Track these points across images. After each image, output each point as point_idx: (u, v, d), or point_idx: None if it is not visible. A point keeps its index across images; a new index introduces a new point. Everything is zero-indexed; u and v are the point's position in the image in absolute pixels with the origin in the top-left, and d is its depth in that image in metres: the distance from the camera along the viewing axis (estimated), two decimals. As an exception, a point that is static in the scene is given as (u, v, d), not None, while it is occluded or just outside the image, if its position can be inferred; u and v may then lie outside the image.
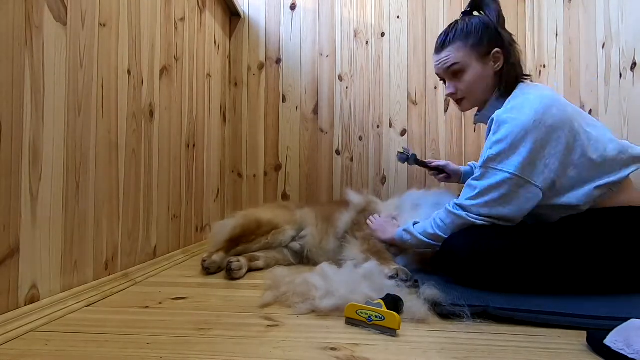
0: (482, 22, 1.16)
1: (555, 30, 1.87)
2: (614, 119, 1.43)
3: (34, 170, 0.83)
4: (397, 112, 2.14)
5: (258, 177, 2.19)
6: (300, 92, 2.18)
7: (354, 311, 0.83)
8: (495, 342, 0.75)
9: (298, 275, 1.04)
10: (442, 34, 1.21)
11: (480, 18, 1.18)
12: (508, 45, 1.16)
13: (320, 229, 1.49)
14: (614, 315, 0.80)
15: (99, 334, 0.77)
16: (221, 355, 0.68)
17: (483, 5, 1.20)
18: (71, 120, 0.94)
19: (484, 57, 1.15)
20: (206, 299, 1.03)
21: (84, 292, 0.97)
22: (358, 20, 2.17)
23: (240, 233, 1.40)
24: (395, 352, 0.71)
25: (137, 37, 1.22)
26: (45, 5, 0.85)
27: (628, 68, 1.36)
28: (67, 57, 0.92)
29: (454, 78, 1.20)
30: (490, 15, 1.17)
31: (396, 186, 2.10)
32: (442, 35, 1.21)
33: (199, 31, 1.76)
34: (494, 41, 1.14)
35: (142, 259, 1.29)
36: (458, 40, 1.17)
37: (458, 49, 1.16)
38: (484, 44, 1.14)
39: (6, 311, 0.76)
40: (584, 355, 0.69)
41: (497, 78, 1.17)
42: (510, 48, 1.16)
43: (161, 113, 1.40)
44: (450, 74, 1.20)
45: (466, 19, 1.19)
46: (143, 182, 1.28)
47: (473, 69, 1.16)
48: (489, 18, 1.17)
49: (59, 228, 0.90)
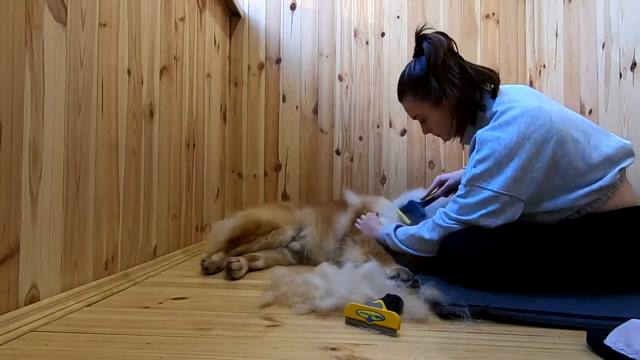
0: (422, 71, 1.16)
1: (555, 30, 1.87)
2: (614, 119, 1.43)
3: (34, 170, 0.83)
4: (397, 112, 2.14)
5: (258, 177, 2.19)
6: (300, 92, 2.18)
7: (354, 311, 0.83)
8: (495, 342, 0.75)
9: (298, 275, 1.04)
10: (398, 83, 1.26)
11: (421, 66, 1.17)
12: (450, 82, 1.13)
13: (320, 229, 1.49)
14: (614, 315, 0.80)
15: (99, 334, 0.77)
16: (221, 355, 0.68)
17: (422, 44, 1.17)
18: (71, 120, 0.94)
19: (437, 103, 1.17)
20: (206, 299, 1.03)
21: (84, 292, 0.97)
22: (358, 20, 2.17)
23: (240, 233, 1.40)
24: (395, 352, 0.71)
25: (137, 37, 1.22)
26: (45, 5, 0.85)
27: (628, 68, 1.36)
28: (67, 57, 0.92)
29: (422, 124, 1.27)
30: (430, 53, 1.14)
31: (396, 186, 2.10)
32: (398, 85, 1.26)
33: (199, 31, 1.76)
34: (439, 86, 1.14)
35: (142, 259, 1.29)
36: (409, 93, 1.22)
37: (411, 102, 1.22)
38: (431, 94, 1.16)
39: (6, 311, 0.76)
40: (584, 355, 0.69)
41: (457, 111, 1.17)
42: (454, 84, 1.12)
43: (161, 113, 1.40)
44: (418, 120, 1.27)
45: (412, 65, 1.20)
46: (143, 182, 1.28)
47: (433, 116, 1.21)
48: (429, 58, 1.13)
49: (59, 228, 0.90)
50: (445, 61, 1.14)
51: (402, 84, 1.24)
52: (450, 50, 1.17)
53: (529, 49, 2.10)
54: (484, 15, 2.14)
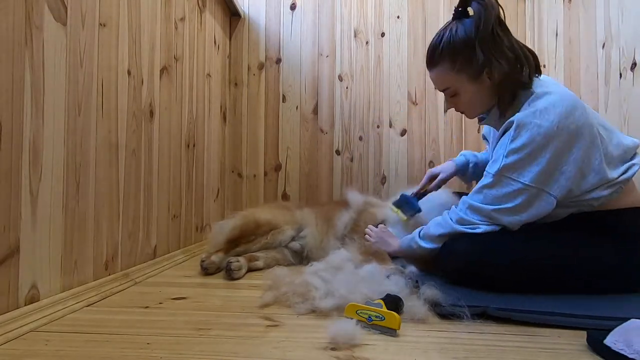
0: (468, 37, 1.03)
1: (555, 30, 1.87)
2: (614, 119, 1.43)
3: (34, 170, 0.83)
4: (397, 112, 2.14)
5: (258, 177, 2.19)
6: (300, 92, 2.18)
7: (354, 311, 0.83)
8: (495, 342, 0.75)
9: (298, 275, 1.04)
10: (429, 47, 1.10)
11: (466, 30, 1.03)
12: (500, 53, 1.02)
13: (320, 229, 1.49)
14: (614, 315, 0.80)
15: (99, 334, 0.77)
16: (221, 355, 0.68)
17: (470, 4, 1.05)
18: (71, 120, 0.94)
19: (476, 77, 1.05)
20: (206, 299, 1.03)
21: (84, 292, 0.97)
22: (358, 20, 2.17)
23: (239, 233, 1.40)
24: (395, 352, 0.70)
25: (137, 37, 1.22)
26: (45, 5, 0.85)
27: (628, 68, 1.36)
28: (67, 57, 0.92)
29: (450, 97, 1.14)
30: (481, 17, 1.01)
31: (396, 186, 2.10)
32: (430, 50, 1.10)
33: (199, 31, 1.76)
34: (484, 58, 1.02)
35: (142, 259, 1.29)
36: (445, 61, 1.07)
37: (446, 72, 1.08)
38: (472, 66, 1.04)
39: (6, 311, 0.76)
40: (584, 355, 0.69)
41: (497, 89, 1.07)
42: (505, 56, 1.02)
43: (161, 113, 1.40)
44: (445, 94, 1.15)
45: (454, 28, 1.05)
46: (143, 182, 1.28)
47: (467, 91, 1.09)
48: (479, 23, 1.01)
49: (59, 228, 0.90)
50: (495, 29, 1.01)
51: (438, 48, 1.07)
52: (500, 17, 1.04)
53: (529, 49, 2.10)
54: (484, 15, 2.13)
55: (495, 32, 1.02)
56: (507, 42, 1.03)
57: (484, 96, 1.09)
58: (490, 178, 1.01)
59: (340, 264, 1.09)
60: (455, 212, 1.07)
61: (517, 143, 0.97)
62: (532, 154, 0.95)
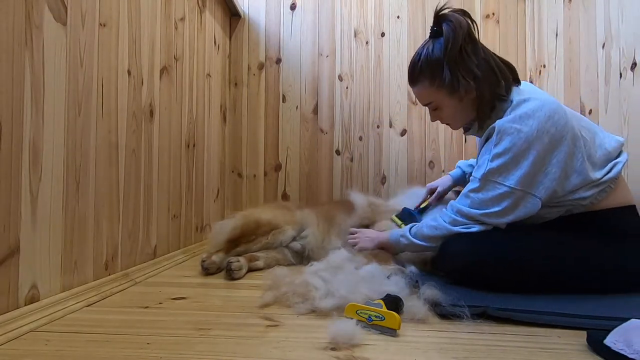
0: (439, 56, 1.06)
1: (555, 30, 1.87)
2: (614, 119, 1.43)
3: (34, 170, 0.83)
4: (397, 112, 2.14)
5: (258, 177, 2.19)
6: (300, 92, 2.18)
7: (354, 311, 0.83)
8: (495, 342, 0.75)
9: (298, 275, 1.04)
10: (410, 64, 1.15)
11: (440, 49, 1.07)
12: (467, 72, 1.05)
13: (321, 229, 1.49)
14: (614, 315, 0.80)
15: (99, 334, 0.77)
16: (221, 355, 0.68)
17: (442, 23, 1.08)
18: (71, 120, 0.94)
19: (455, 92, 1.09)
20: (206, 299, 1.03)
21: (84, 292, 0.97)
22: (358, 20, 2.17)
23: (240, 233, 1.40)
24: (395, 352, 0.70)
25: (137, 37, 1.22)
26: (45, 5, 0.85)
27: (628, 68, 1.36)
28: (67, 57, 0.92)
29: (433, 111, 1.18)
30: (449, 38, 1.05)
31: (396, 186, 2.10)
32: (410, 67, 1.15)
33: (199, 31, 1.76)
34: (451, 76, 1.06)
35: (142, 259, 1.29)
36: (424, 78, 1.11)
37: (425, 88, 1.12)
38: (449, 82, 1.07)
39: (6, 311, 0.76)
40: (584, 355, 0.69)
41: (475, 102, 1.10)
42: (473, 74, 1.05)
43: (161, 113, 1.40)
44: (429, 108, 1.18)
45: (430, 47, 1.09)
46: (143, 182, 1.28)
47: (447, 105, 1.13)
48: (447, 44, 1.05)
49: (59, 228, 0.90)
50: (464, 48, 1.05)
51: (417, 67, 1.12)
52: (470, 35, 1.07)
53: (529, 49, 2.10)
54: (484, 15, 2.14)
55: (464, 51, 1.05)
56: (476, 60, 1.06)
57: (464, 109, 1.13)
58: (476, 183, 1.04)
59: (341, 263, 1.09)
60: (447, 215, 1.09)
61: (499, 148, 1.01)
62: (515, 158, 0.99)
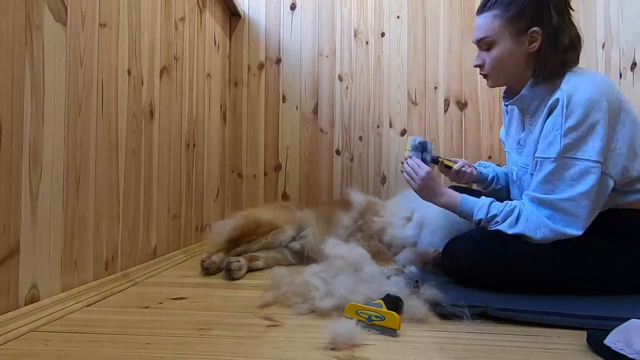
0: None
1: (555, 30, 1.86)
2: (614, 119, 1.43)
3: (34, 170, 0.83)
4: (397, 112, 2.14)
5: (258, 177, 2.19)
6: (300, 92, 2.18)
7: (354, 311, 0.83)
8: (495, 342, 0.75)
9: (298, 275, 1.04)
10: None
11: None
12: (556, 26, 0.99)
13: (321, 228, 1.49)
14: (614, 315, 0.80)
15: (99, 334, 0.77)
16: (221, 355, 0.68)
17: None
18: (71, 120, 0.94)
19: (520, 34, 1.01)
20: (206, 299, 1.03)
21: (84, 292, 0.97)
22: (358, 20, 2.16)
23: (240, 233, 1.40)
24: (395, 352, 0.71)
25: (137, 37, 1.22)
26: (45, 5, 0.85)
27: (628, 68, 1.36)
28: (67, 57, 0.92)
29: (483, 50, 1.09)
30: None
31: (396, 186, 2.10)
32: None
33: (199, 31, 1.76)
34: (537, 18, 0.99)
35: (142, 259, 1.29)
36: (498, 7, 1.03)
37: (494, 18, 1.03)
38: (523, 19, 0.99)
39: (6, 311, 0.76)
40: (584, 355, 0.69)
41: (533, 60, 1.03)
42: (559, 30, 0.99)
43: (161, 113, 1.40)
44: (481, 44, 1.10)
45: None
46: (143, 182, 1.28)
47: (503, 45, 1.03)
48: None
49: (59, 228, 0.90)
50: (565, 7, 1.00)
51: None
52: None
53: (529, 49, 2.10)
54: (484, 15, 2.13)
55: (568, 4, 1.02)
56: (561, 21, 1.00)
57: (516, 58, 1.04)
58: (550, 165, 0.95)
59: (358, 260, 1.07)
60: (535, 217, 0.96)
61: (573, 120, 0.91)
62: (590, 127, 0.91)
